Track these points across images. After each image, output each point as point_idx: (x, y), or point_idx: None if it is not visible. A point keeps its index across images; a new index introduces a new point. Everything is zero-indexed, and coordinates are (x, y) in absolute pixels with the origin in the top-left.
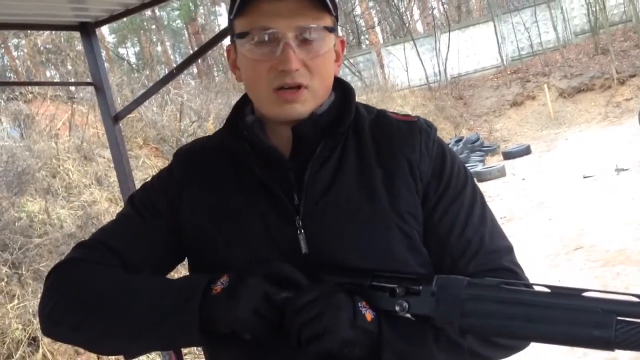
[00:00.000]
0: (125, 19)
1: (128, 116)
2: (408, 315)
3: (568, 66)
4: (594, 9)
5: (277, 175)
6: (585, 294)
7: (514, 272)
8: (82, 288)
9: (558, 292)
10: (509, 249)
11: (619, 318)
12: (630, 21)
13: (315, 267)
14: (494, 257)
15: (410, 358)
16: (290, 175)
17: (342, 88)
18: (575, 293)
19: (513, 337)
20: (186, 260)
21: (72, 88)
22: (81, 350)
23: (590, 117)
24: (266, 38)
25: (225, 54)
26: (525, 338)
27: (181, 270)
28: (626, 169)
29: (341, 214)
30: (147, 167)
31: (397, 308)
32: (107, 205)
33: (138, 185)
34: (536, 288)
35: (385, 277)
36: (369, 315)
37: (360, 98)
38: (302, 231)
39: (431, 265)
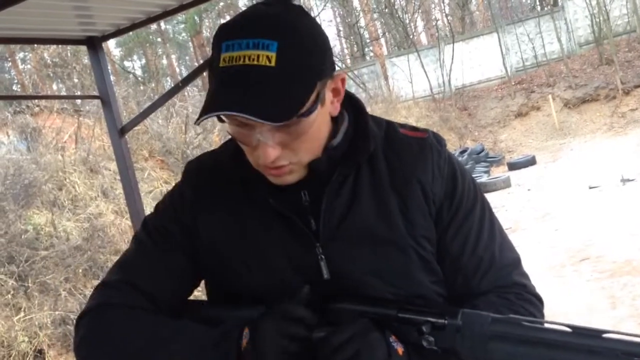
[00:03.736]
0: (130, 33)
1: (134, 128)
2: (433, 348)
3: (572, 77)
4: (597, 20)
5: (292, 202)
6: (605, 335)
7: (524, 285)
8: (117, 341)
9: (579, 333)
10: (517, 262)
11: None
12: (634, 31)
13: (337, 297)
14: (504, 274)
15: None
16: (305, 203)
17: (354, 109)
18: (595, 334)
19: None
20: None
21: (79, 101)
22: None
23: (595, 127)
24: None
25: None
26: None
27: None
28: (632, 180)
29: (360, 239)
30: (152, 179)
31: (424, 343)
32: (113, 218)
33: (144, 197)
34: (557, 326)
35: (411, 309)
36: (400, 349)
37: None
38: (323, 257)
39: (443, 282)
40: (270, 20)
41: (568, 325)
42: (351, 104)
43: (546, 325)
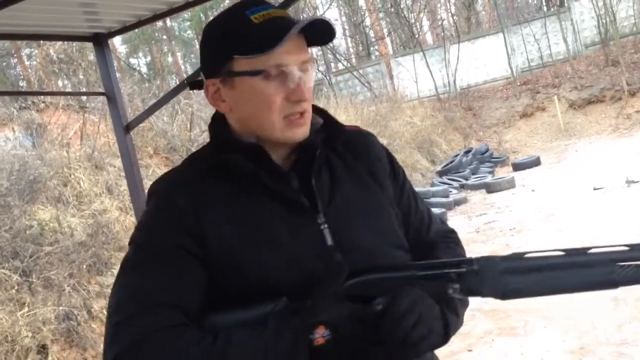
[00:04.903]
0: (136, 30)
1: (139, 125)
2: (458, 295)
3: (578, 77)
4: (604, 21)
5: (286, 185)
6: (591, 250)
7: (453, 230)
8: None
9: (570, 254)
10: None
11: (618, 263)
12: None
13: (356, 272)
14: (440, 223)
15: (457, 328)
16: (295, 184)
17: (316, 108)
18: (583, 251)
19: (544, 295)
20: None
21: (84, 98)
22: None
23: (600, 128)
24: (278, 74)
25: (207, 88)
26: (553, 293)
27: None
28: (637, 181)
29: (351, 207)
30: (157, 176)
31: (450, 291)
32: (118, 214)
33: None
34: (551, 253)
35: (430, 266)
36: (436, 305)
37: (370, 109)
38: (325, 226)
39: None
40: None
41: (559, 250)
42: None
43: (543, 254)
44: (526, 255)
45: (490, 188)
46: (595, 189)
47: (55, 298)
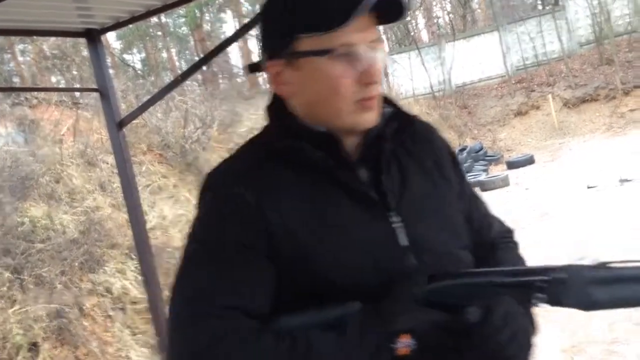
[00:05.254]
0: (131, 26)
1: (132, 122)
2: (540, 305)
3: (572, 76)
4: (599, 20)
5: (355, 177)
6: None
7: (512, 231)
8: None
9: None
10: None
11: None
12: (636, 32)
13: (437, 276)
14: (499, 224)
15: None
16: (364, 176)
17: (384, 97)
18: None
19: (629, 307)
20: None
21: (77, 94)
22: (82, 357)
23: (594, 127)
24: (347, 54)
25: (268, 70)
26: (636, 305)
27: None
28: (630, 180)
29: (422, 203)
30: (150, 173)
31: (534, 301)
32: (110, 211)
33: (141, 191)
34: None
35: (515, 273)
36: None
37: None
38: (397, 225)
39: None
40: None
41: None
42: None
43: (628, 264)
44: (610, 265)
45: (484, 186)
46: (589, 188)
47: (46, 295)
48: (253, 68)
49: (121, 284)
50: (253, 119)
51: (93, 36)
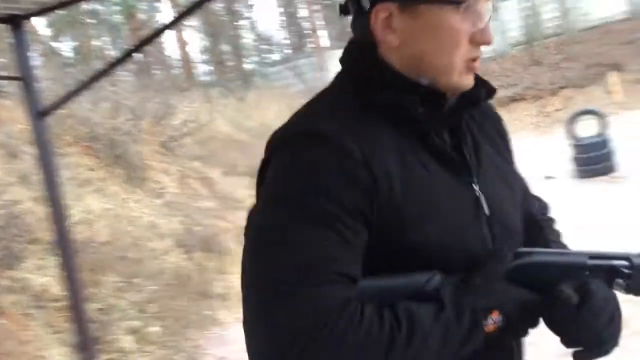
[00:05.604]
0: (62, 12)
1: (61, 112)
2: (619, 291)
3: (505, 76)
4: (529, 22)
5: (443, 141)
6: None
7: (548, 206)
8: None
9: None
10: None
11: None
12: (563, 34)
13: (520, 253)
14: (539, 199)
15: None
16: (448, 140)
17: None
18: None
19: None
20: None
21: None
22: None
23: (522, 125)
24: (472, 8)
25: (376, 14)
26: None
27: None
28: (554, 177)
29: (495, 174)
30: (76, 165)
31: (615, 286)
32: (31, 205)
33: (66, 184)
34: None
35: (598, 256)
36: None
37: (300, 101)
38: (480, 193)
39: None
40: None
41: None
42: None
43: None
44: None
45: None
46: None
47: None
48: (344, 9)
49: (41, 281)
50: (187, 112)
51: (16, 22)
